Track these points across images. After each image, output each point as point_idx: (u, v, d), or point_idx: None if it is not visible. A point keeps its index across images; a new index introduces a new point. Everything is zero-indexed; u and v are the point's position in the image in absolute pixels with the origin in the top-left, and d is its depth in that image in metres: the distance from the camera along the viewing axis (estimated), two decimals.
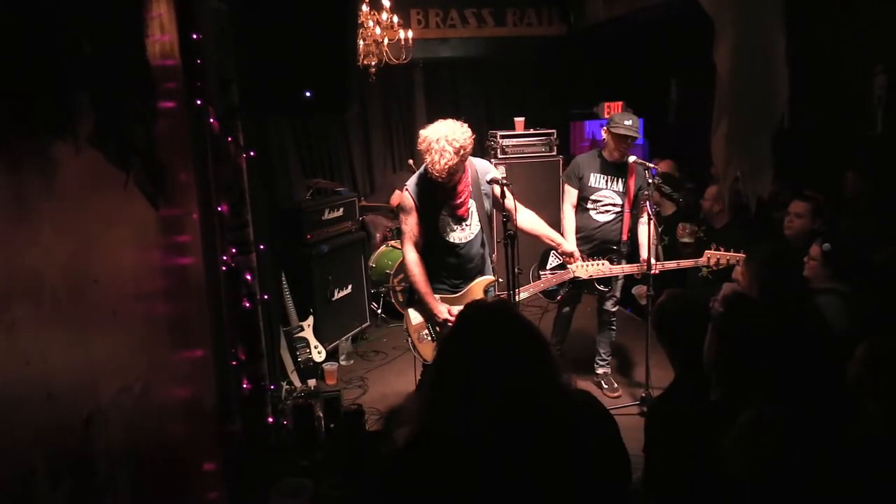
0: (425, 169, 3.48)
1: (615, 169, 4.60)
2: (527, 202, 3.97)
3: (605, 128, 4.65)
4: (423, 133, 3.39)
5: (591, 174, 4.63)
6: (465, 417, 1.61)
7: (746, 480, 1.80)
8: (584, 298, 4.97)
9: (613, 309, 4.80)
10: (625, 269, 4.46)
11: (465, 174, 3.54)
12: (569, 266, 4.28)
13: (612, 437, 1.79)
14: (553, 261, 4.57)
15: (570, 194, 4.70)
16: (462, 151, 3.31)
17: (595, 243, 4.62)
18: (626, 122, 4.46)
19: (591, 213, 4.66)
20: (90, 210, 1.69)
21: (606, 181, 4.62)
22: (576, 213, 4.70)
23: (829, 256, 3.34)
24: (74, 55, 1.61)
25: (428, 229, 3.62)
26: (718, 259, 4.31)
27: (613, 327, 4.83)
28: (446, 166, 3.30)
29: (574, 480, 1.63)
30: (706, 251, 4.36)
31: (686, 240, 5.51)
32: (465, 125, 3.41)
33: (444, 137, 3.28)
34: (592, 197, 4.62)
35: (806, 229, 4.09)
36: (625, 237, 4.61)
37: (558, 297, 4.68)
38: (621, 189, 4.59)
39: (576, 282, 4.39)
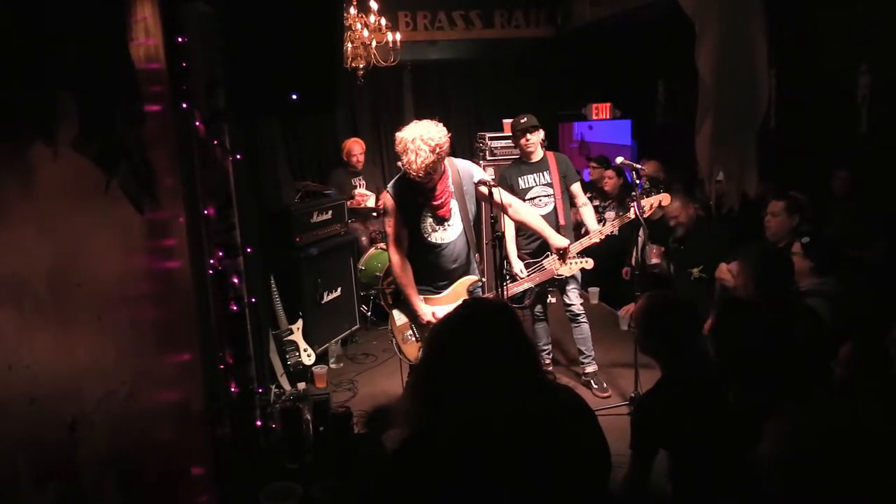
0: (405, 170, 3.50)
1: (536, 166, 4.83)
2: None
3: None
4: (398, 135, 3.45)
5: (518, 178, 4.82)
6: (452, 417, 1.62)
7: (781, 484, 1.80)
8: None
9: (578, 301, 4.82)
10: (608, 227, 4.60)
11: (444, 175, 3.56)
12: (553, 266, 4.35)
13: (594, 431, 1.80)
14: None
15: None
16: (438, 150, 3.36)
17: (540, 238, 4.65)
18: (521, 121, 4.75)
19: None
20: (75, 214, 1.69)
21: (533, 178, 4.83)
22: None
23: (808, 249, 3.37)
24: (59, 57, 1.61)
25: (410, 230, 3.64)
26: (651, 204, 4.43)
27: (584, 320, 4.82)
28: (423, 165, 3.34)
29: (558, 476, 1.64)
30: (631, 204, 4.47)
31: (655, 261, 5.56)
32: (441, 125, 3.45)
33: (420, 137, 3.34)
34: (527, 197, 4.76)
35: (784, 227, 4.10)
36: (562, 222, 4.73)
37: (526, 302, 4.82)
38: (548, 180, 4.81)
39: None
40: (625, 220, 4.52)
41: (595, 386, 4.78)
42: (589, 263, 4.36)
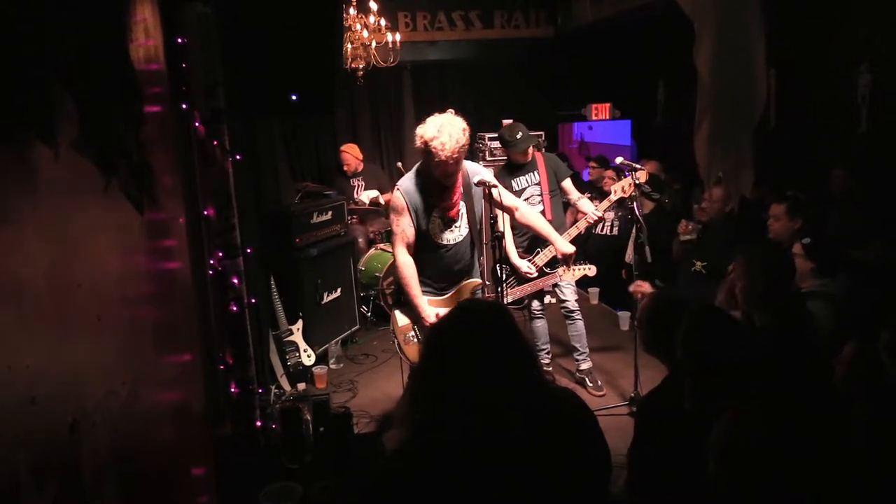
0: (417, 169, 3.48)
1: (526, 167, 4.90)
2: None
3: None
4: (422, 128, 3.35)
5: (511, 181, 4.84)
6: (451, 419, 1.62)
7: (723, 478, 1.79)
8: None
9: (573, 297, 4.84)
10: (605, 203, 4.65)
11: (459, 174, 3.54)
12: (557, 271, 4.39)
13: (594, 433, 1.80)
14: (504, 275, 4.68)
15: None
16: (466, 132, 3.33)
17: (530, 234, 4.69)
18: (517, 136, 4.79)
19: None
20: (74, 214, 1.68)
21: (526, 179, 4.89)
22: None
23: (809, 249, 3.36)
24: (60, 57, 1.61)
25: (418, 230, 3.61)
26: (623, 187, 4.48)
27: (578, 317, 4.83)
28: (456, 148, 3.27)
29: (558, 479, 1.64)
30: (612, 187, 4.58)
31: (688, 236, 5.52)
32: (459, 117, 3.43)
33: (448, 122, 3.31)
34: (522, 198, 4.75)
35: (787, 230, 4.08)
36: (549, 217, 4.70)
37: (525, 302, 4.88)
38: (538, 179, 4.89)
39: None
40: (610, 202, 4.60)
41: (590, 384, 4.79)
42: (592, 270, 4.38)
